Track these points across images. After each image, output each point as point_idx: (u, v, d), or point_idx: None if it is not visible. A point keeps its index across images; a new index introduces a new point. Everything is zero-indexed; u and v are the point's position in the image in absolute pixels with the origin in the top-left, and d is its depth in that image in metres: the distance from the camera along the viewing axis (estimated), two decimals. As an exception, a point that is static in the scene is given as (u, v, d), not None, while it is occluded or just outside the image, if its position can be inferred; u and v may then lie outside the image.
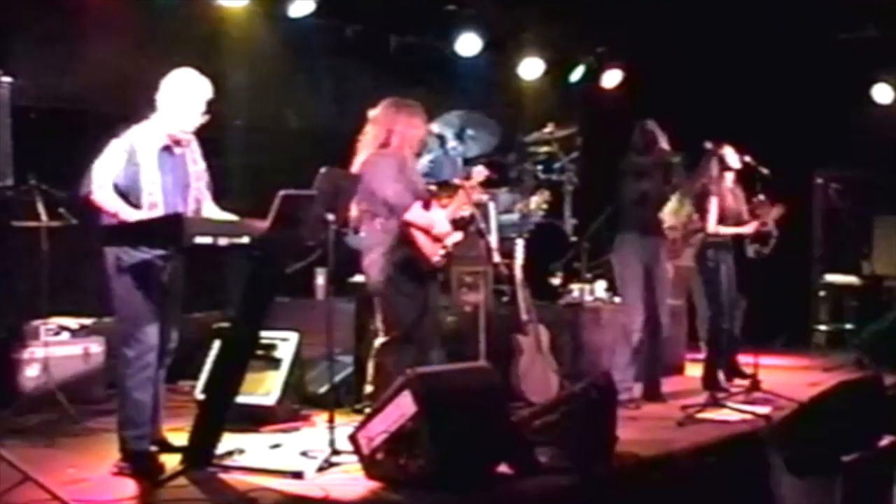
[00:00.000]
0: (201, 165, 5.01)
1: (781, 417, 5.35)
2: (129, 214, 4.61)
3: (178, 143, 4.86)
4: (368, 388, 5.62)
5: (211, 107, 4.91)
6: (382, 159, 5.52)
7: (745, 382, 6.92)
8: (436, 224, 5.58)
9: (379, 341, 5.58)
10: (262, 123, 8.26)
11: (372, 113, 5.69)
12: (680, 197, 7.07)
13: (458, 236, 5.72)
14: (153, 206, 4.70)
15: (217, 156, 5.73)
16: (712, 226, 6.88)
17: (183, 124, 4.83)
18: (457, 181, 6.05)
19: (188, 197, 4.89)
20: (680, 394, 7.10)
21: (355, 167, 5.52)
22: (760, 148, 6.92)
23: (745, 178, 7.07)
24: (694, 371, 7.64)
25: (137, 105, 4.90)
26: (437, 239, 5.58)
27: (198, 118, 4.86)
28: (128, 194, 4.68)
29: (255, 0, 7.84)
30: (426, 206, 5.64)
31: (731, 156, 7.02)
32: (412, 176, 5.66)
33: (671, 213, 7.00)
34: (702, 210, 6.91)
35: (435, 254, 5.57)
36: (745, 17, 8.95)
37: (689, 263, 7.27)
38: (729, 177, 7.15)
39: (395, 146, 5.56)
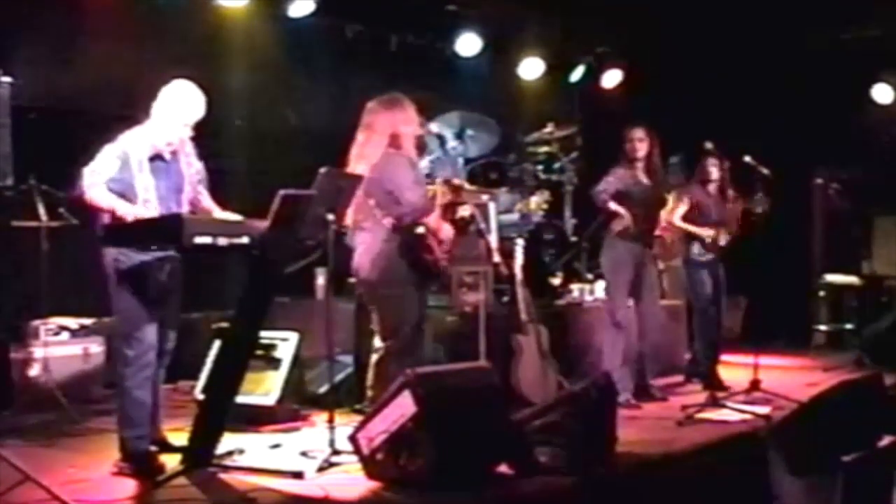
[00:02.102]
0: (196, 166, 4.99)
1: (781, 417, 5.35)
2: (126, 209, 4.60)
3: (173, 150, 4.86)
4: (370, 394, 5.58)
5: (211, 107, 4.91)
6: (397, 159, 5.43)
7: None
8: (442, 228, 5.59)
9: (379, 346, 5.52)
10: (262, 123, 8.26)
11: (365, 118, 5.54)
12: (676, 197, 7.14)
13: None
14: (146, 210, 4.68)
15: (217, 156, 5.73)
16: (676, 219, 7.05)
17: (168, 137, 4.79)
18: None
19: (182, 200, 4.88)
20: (680, 394, 7.11)
21: (361, 168, 5.40)
22: (760, 148, 6.93)
23: (744, 179, 7.07)
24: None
25: (137, 105, 4.90)
26: (441, 241, 5.59)
27: (184, 132, 4.83)
28: (122, 198, 4.66)
29: (255, 0, 7.85)
30: None
31: (712, 167, 7.21)
32: (419, 170, 5.66)
33: (667, 212, 7.06)
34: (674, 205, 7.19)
35: (442, 257, 5.57)
36: (745, 17, 8.95)
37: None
38: (712, 184, 7.29)
39: (405, 147, 5.50)
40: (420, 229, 5.46)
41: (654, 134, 6.81)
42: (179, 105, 4.79)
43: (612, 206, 6.69)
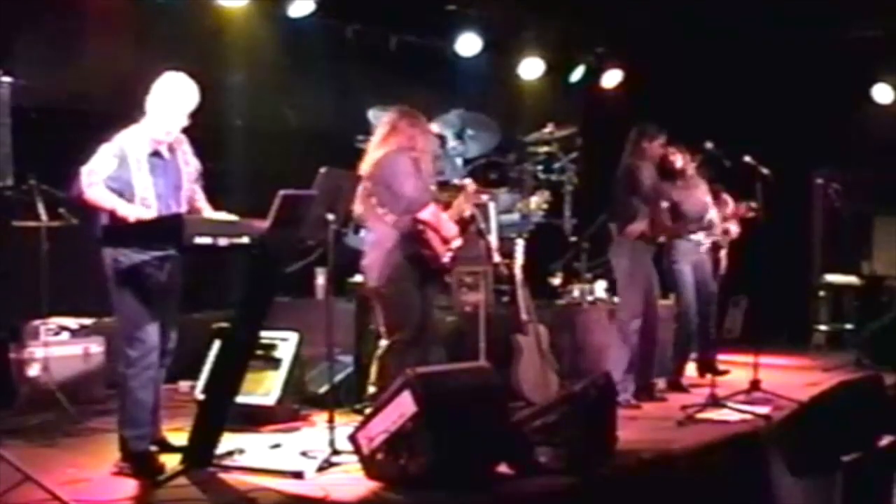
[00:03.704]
0: (193, 165, 4.98)
1: (781, 417, 5.35)
2: (126, 209, 4.59)
3: (170, 148, 4.85)
4: (371, 389, 5.60)
5: (211, 107, 4.90)
6: (399, 156, 5.50)
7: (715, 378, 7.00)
8: (445, 225, 5.59)
9: (383, 343, 5.56)
10: (262, 123, 8.26)
11: (385, 120, 5.68)
12: None
13: (459, 241, 5.74)
14: (146, 209, 4.68)
15: (217, 156, 5.73)
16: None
17: (167, 128, 4.80)
18: (457, 181, 6.07)
19: (181, 198, 4.88)
20: (679, 394, 7.10)
21: (367, 165, 5.52)
22: (760, 148, 6.93)
23: (744, 179, 7.07)
24: (690, 370, 7.62)
25: (137, 105, 4.89)
26: (445, 240, 5.60)
27: (182, 122, 4.83)
28: (121, 197, 4.66)
29: (255, 0, 7.85)
30: None
31: (673, 156, 7.19)
32: (426, 177, 5.68)
33: None
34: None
35: (444, 254, 5.59)
36: (744, 17, 8.96)
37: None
38: (679, 175, 7.26)
39: (416, 149, 5.58)
40: (419, 225, 5.48)
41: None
42: (173, 96, 4.78)
43: None
